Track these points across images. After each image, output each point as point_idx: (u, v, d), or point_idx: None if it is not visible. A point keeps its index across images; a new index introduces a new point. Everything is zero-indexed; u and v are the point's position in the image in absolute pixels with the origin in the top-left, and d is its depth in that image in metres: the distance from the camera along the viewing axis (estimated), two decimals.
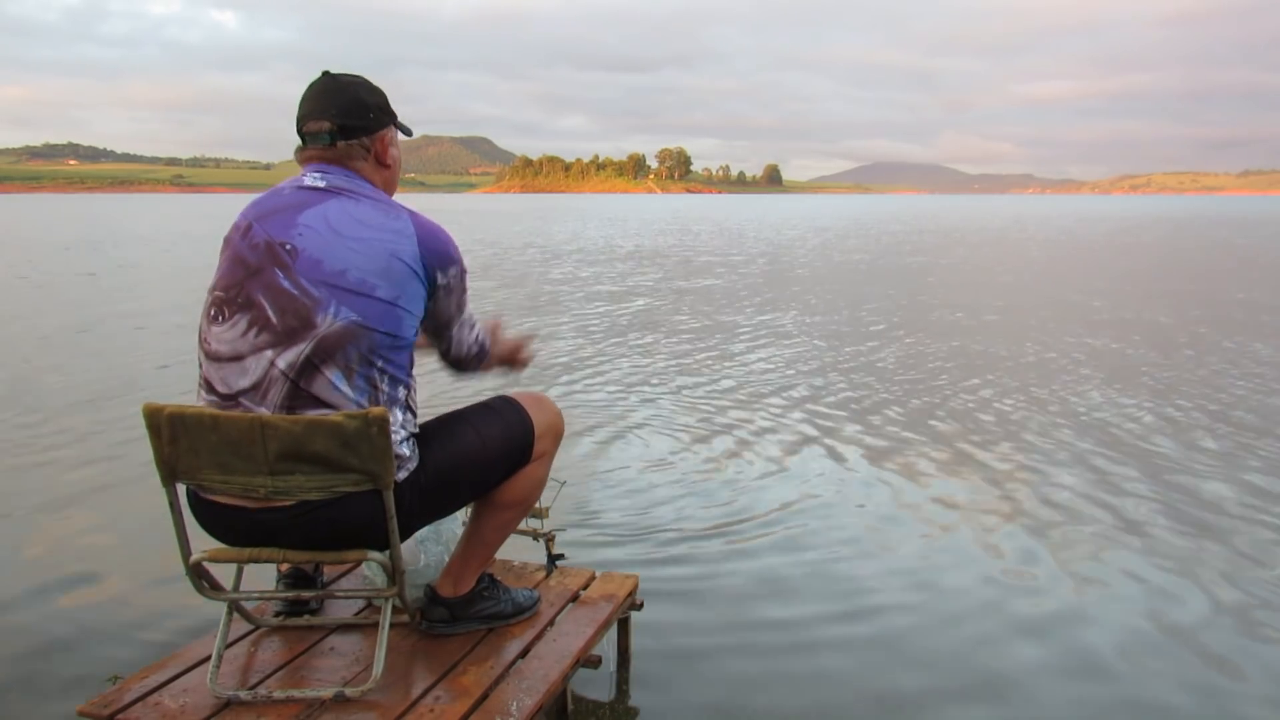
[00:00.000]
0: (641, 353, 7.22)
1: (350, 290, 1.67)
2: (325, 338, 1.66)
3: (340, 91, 1.82)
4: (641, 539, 3.31)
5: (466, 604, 2.08)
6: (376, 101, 1.86)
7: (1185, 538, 3.35)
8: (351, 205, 1.74)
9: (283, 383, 1.66)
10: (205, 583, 1.82)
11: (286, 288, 1.67)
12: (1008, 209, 76.23)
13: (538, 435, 1.97)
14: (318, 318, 1.66)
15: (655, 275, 14.19)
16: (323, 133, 1.80)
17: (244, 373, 1.68)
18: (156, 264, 16.57)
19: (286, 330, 1.66)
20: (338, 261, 1.68)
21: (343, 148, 1.81)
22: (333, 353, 1.66)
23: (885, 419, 5.11)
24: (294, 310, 1.66)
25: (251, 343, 1.68)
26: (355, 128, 1.81)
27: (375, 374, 1.71)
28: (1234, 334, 8.08)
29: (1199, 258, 18.31)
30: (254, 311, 1.68)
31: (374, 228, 1.72)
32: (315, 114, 1.81)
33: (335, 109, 1.80)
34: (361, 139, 1.82)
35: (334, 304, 1.66)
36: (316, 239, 1.69)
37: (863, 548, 3.27)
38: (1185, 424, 4.95)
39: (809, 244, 22.51)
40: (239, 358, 1.68)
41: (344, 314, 1.66)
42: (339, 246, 1.69)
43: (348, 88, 1.83)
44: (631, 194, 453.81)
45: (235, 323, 1.69)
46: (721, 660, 2.48)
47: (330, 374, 1.67)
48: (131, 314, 9.54)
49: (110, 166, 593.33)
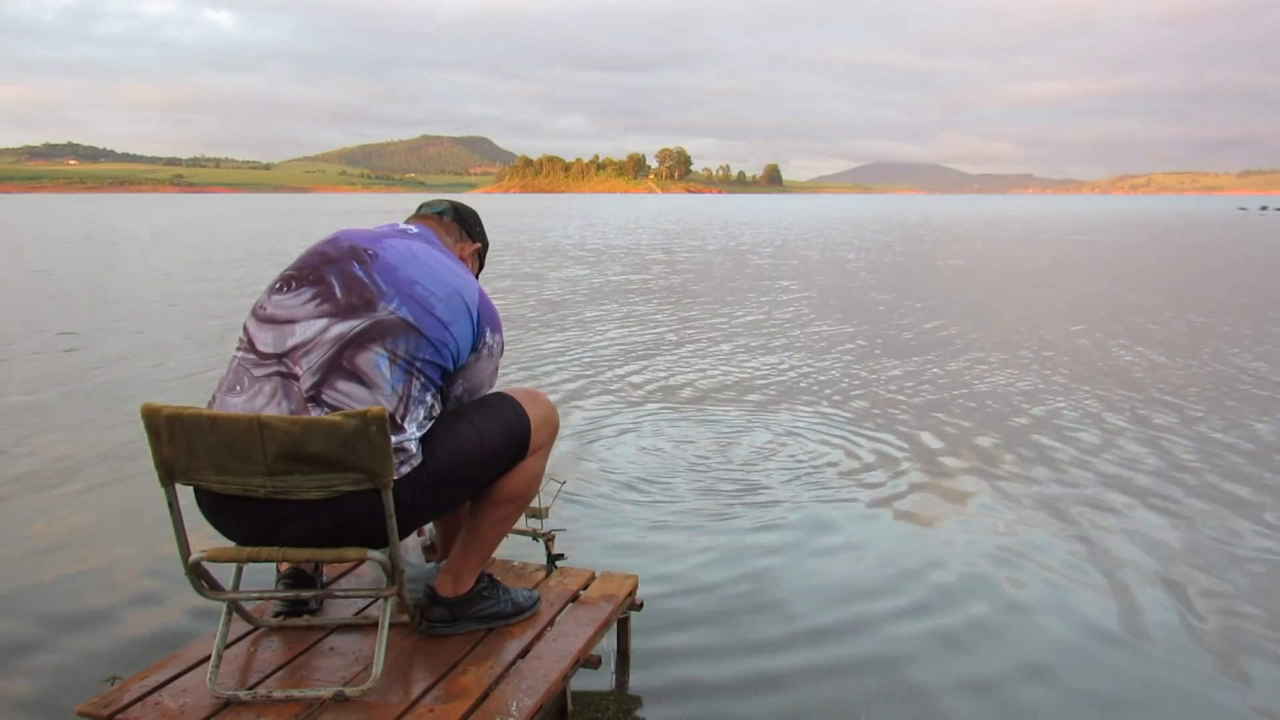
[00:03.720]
0: (642, 353, 7.22)
1: (414, 298, 1.83)
2: (382, 322, 1.78)
3: (463, 206, 2.21)
4: (642, 539, 3.31)
5: (466, 603, 2.08)
6: (480, 229, 2.22)
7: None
8: (434, 249, 1.98)
9: (329, 347, 1.75)
10: (204, 583, 1.82)
11: (359, 275, 1.83)
12: (1027, 210, 76.04)
13: (534, 429, 2.01)
14: (380, 304, 1.80)
15: (654, 276, 14.19)
16: (443, 206, 2.17)
17: (293, 334, 1.78)
18: (76, 268, 15.09)
19: (348, 305, 1.79)
20: (411, 274, 1.86)
21: (448, 223, 2.13)
22: (384, 336, 1.77)
23: (886, 420, 5.11)
24: (359, 292, 1.81)
25: (311, 310, 1.80)
26: (464, 220, 2.17)
27: (414, 372, 1.80)
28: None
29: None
30: (322, 287, 1.82)
31: (449, 268, 1.93)
32: (440, 205, 2.18)
33: (456, 211, 2.17)
34: (462, 231, 2.15)
35: (397, 300, 1.81)
36: (397, 255, 1.89)
37: (864, 548, 3.26)
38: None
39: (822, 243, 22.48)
40: (293, 320, 1.79)
41: (404, 310, 1.81)
42: (415, 266, 1.88)
43: (468, 213, 2.21)
44: (631, 194, 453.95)
45: (300, 293, 1.83)
46: (721, 660, 2.48)
47: (376, 353, 1.76)
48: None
49: (110, 166, 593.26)
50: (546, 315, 9.34)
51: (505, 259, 17.06)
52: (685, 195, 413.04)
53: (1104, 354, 7.12)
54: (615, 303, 10.50)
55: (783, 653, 2.53)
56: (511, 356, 6.97)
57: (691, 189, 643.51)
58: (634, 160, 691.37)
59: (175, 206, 75.45)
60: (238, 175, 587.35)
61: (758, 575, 3.02)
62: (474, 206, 2.27)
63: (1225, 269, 15.80)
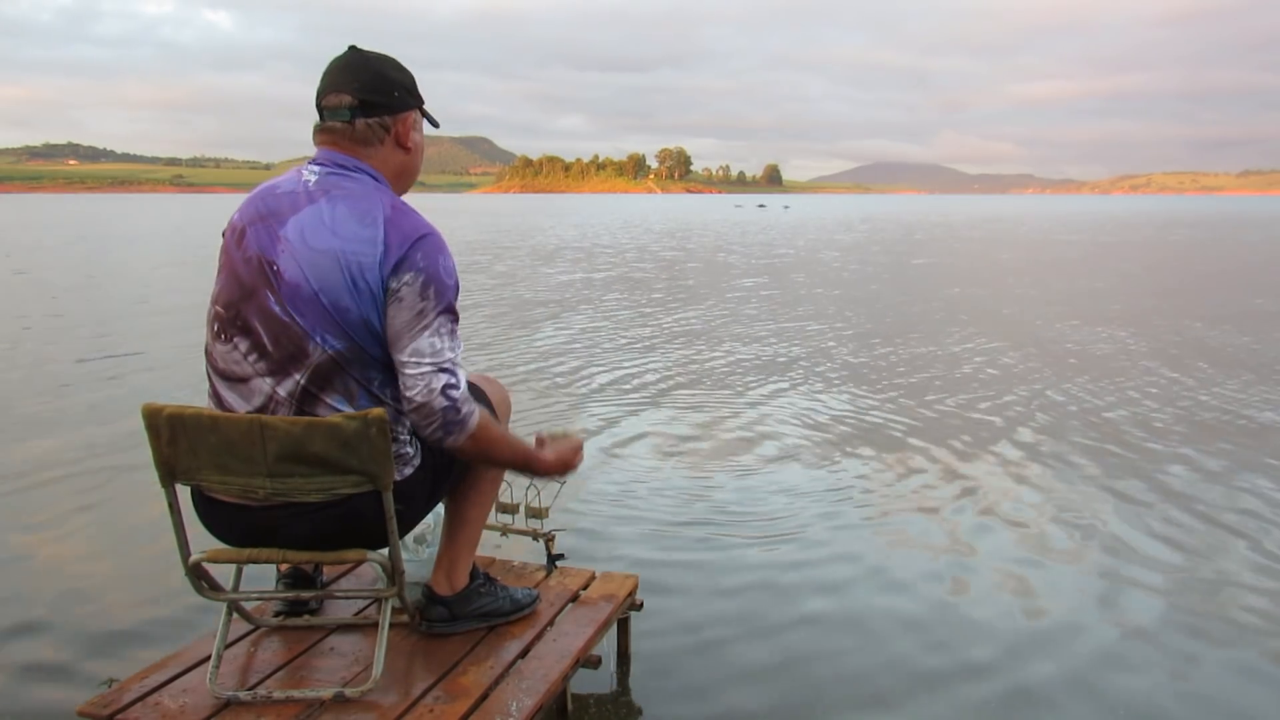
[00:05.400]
0: (642, 353, 7.22)
1: (329, 315, 1.63)
2: (319, 366, 1.66)
3: (365, 66, 1.73)
4: (642, 539, 3.31)
5: (464, 601, 2.08)
6: (402, 80, 1.76)
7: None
8: (328, 211, 1.65)
9: (289, 405, 1.68)
10: (204, 583, 1.82)
11: (277, 314, 1.65)
12: (1022, 210, 75.96)
13: (495, 406, 2.02)
14: (309, 346, 1.65)
15: (655, 274, 14.19)
16: (342, 108, 1.71)
17: (250, 394, 1.70)
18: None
19: (282, 359, 1.66)
20: (312, 282, 1.63)
21: (361, 127, 1.72)
22: (330, 380, 1.68)
23: (888, 419, 5.11)
24: (287, 338, 1.65)
25: (252, 367, 1.69)
26: (377, 105, 1.72)
27: (376, 390, 1.71)
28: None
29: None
30: (252, 337, 1.68)
31: (343, 237, 1.63)
32: (336, 87, 1.72)
33: (358, 83, 1.71)
34: (382, 117, 1.73)
35: (319, 333, 1.64)
36: (292, 258, 1.64)
37: (863, 547, 3.26)
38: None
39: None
40: (245, 379, 1.70)
41: (330, 343, 1.64)
42: (310, 265, 1.63)
43: (373, 63, 1.74)
44: (631, 194, 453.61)
45: (236, 345, 1.70)
46: (721, 660, 2.48)
47: (331, 399, 1.68)
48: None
49: (110, 166, 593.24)
50: (546, 315, 9.33)
51: (502, 264, 17.02)
52: (685, 195, 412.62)
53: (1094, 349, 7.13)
54: (613, 303, 10.49)
55: (783, 653, 2.52)
56: (513, 355, 6.97)
57: (692, 189, 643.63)
58: (634, 160, 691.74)
59: (176, 207, 75.32)
60: (238, 175, 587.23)
61: (759, 575, 3.01)
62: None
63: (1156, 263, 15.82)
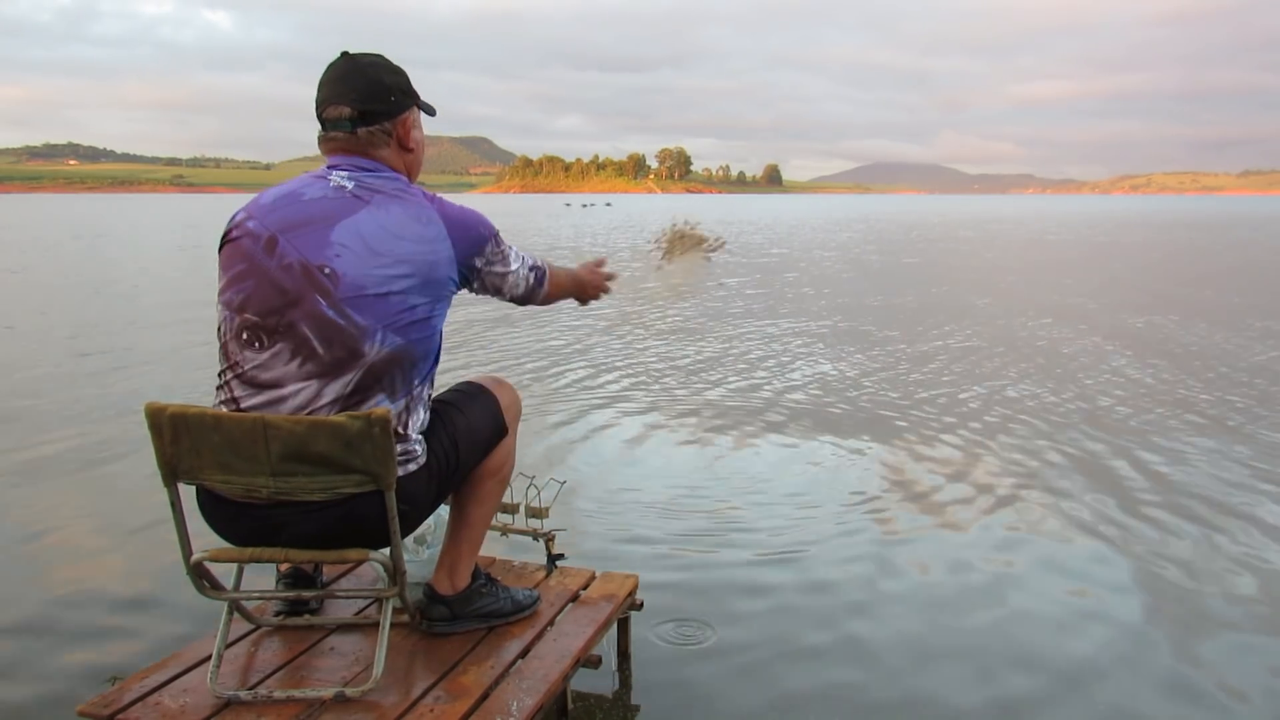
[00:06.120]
0: (642, 353, 7.22)
1: (394, 313, 1.68)
2: (373, 365, 1.68)
3: (359, 74, 1.77)
4: (642, 539, 3.31)
5: (465, 601, 2.08)
6: (397, 83, 1.81)
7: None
8: (383, 215, 1.70)
9: (329, 408, 1.68)
10: (206, 582, 1.82)
11: (332, 317, 1.65)
12: (1020, 210, 75.98)
13: (504, 409, 2.05)
14: (365, 347, 1.66)
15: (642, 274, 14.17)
16: (343, 119, 1.76)
17: (284, 401, 1.68)
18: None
19: (334, 361, 1.66)
20: (379, 284, 1.66)
21: (364, 135, 1.76)
22: (380, 377, 1.70)
23: (889, 420, 5.11)
24: (341, 341, 1.65)
25: (296, 371, 1.67)
26: (376, 113, 1.77)
27: (414, 383, 1.76)
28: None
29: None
30: (297, 341, 1.66)
31: (411, 240, 1.70)
32: (334, 99, 1.77)
33: (355, 94, 1.76)
34: (383, 124, 1.78)
35: (380, 331, 1.67)
36: (355, 261, 1.66)
37: (864, 548, 3.26)
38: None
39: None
40: (280, 385, 1.68)
41: (390, 340, 1.68)
42: (378, 268, 1.66)
43: (367, 70, 1.78)
44: (631, 194, 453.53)
45: (277, 351, 1.67)
46: (721, 660, 2.48)
47: (376, 397, 1.70)
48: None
49: (110, 166, 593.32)
50: (546, 313, 9.34)
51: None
52: (685, 195, 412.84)
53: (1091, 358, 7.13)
54: (619, 302, 10.49)
55: (783, 653, 2.53)
56: (513, 355, 6.98)
57: (692, 189, 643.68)
58: (634, 160, 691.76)
59: (175, 207, 75.27)
60: (238, 175, 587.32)
61: (759, 575, 3.02)
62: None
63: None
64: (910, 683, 2.39)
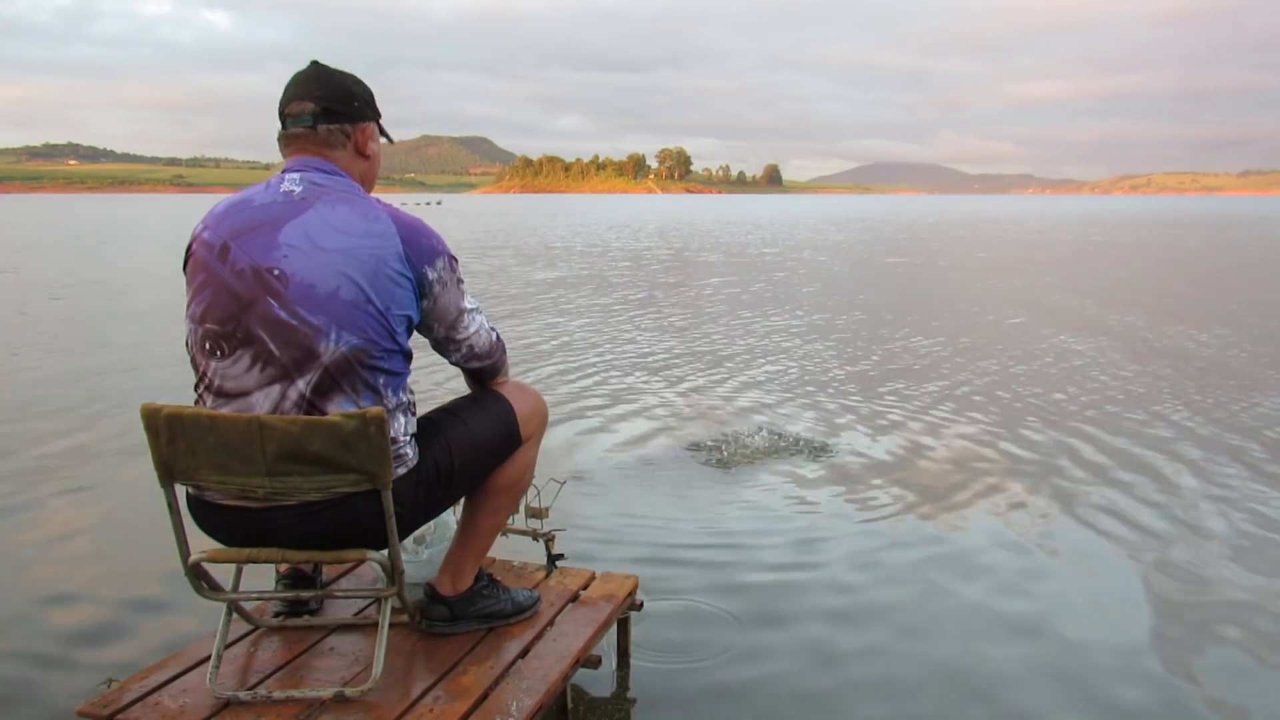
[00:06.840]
0: (642, 353, 7.22)
1: (346, 310, 1.66)
2: (330, 365, 1.67)
3: (327, 79, 1.82)
4: (642, 539, 3.31)
5: (466, 602, 2.08)
6: (362, 93, 1.85)
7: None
8: (329, 212, 1.70)
9: (296, 409, 1.68)
10: (204, 583, 1.81)
11: (284, 318, 1.65)
12: (1019, 210, 75.99)
13: (522, 421, 2.02)
14: (320, 347, 1.66)
15: (655, 274, 14.19)
16: (305, 114, 1.79)
17: (251, 408, 1.68)
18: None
19: (292, 362, 1.66)
20: (328, 281, 1.66)
21: (323, 132, 1.79)
22: (339, 378, 1.68)
23: (889, 421, 5.11)
24: (295, 341, 1.66)
25: (258, 378, 1.68)
26: (338, 113, 1.80)
27: (380, 386, 1.73)
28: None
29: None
30: (255, 346, 1.67)
31: (356, 235, 1.69)
32: (299, 96, 1.80)
33: (320, 93, 1.80)
34: (343, 125, 1.81)
35: (334, 330, 1.66)
36: (303, 259, 1.66)
37: (864, 548, 3.26)
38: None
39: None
40: (246, 393, 1.69)
41: (345, 339, 1.67)
42: (325, 264, 1.66)
43: (335, 76, 1.83)
44: (631, 194, 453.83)
45: (238, 358, 1.68)
46: (721, 661, 2.48)
47: (339, 399, 1.69)
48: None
49: (110, 166, 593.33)
50: (545, 314, 9.34)
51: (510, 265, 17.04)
52: (685, 195, 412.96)
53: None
54: (608, 304, 10.49)
55: (783, 653, 2.52)
56: (513, 355, 6.97)
57: (692, 189, 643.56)
58: (634, 160, 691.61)
59: (176, 206, 75.32)
60: (238, 175, 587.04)
61: (759, 576, 3.01)
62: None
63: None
64: (910, 684, 2.38)
